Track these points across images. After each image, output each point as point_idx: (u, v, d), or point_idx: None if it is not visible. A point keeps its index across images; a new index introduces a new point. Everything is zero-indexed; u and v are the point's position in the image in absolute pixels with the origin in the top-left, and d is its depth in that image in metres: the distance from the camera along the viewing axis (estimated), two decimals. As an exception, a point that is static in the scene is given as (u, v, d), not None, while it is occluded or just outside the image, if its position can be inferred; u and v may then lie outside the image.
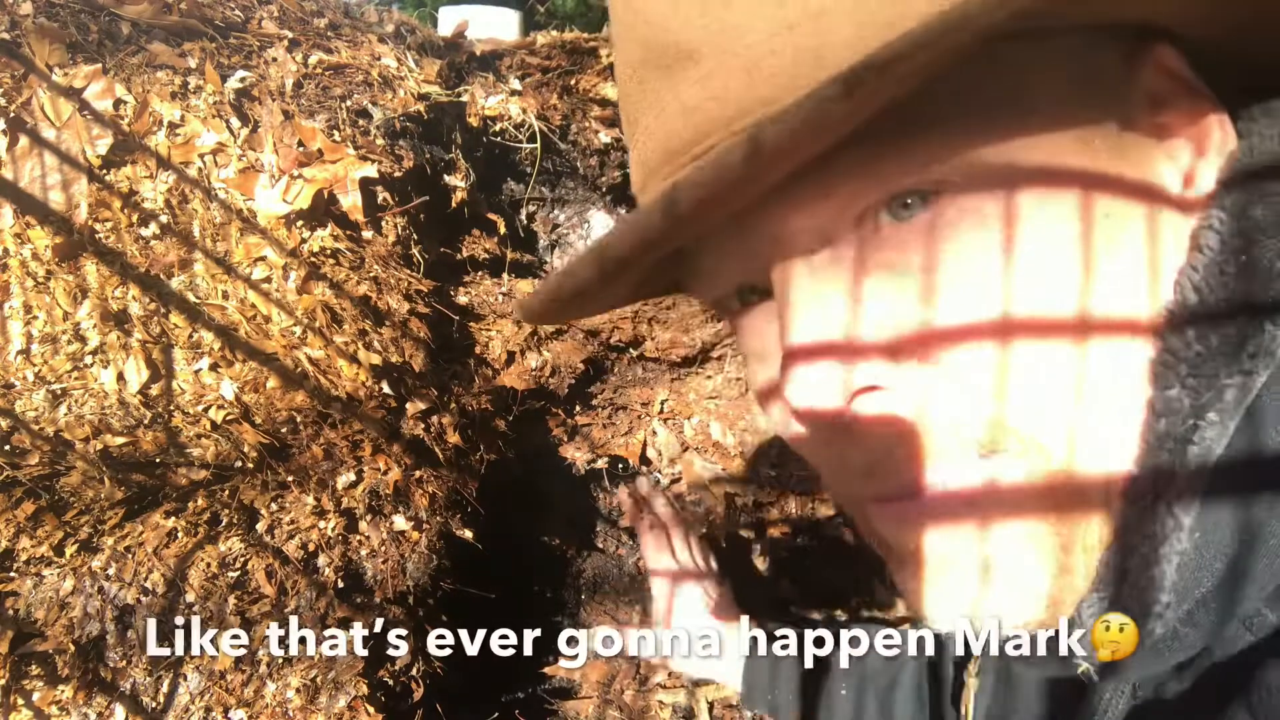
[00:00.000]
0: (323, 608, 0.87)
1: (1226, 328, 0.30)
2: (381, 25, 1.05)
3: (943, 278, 0.29)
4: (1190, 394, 0.30)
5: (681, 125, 0.31)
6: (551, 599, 1.27)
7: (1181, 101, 0.32)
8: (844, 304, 0.31)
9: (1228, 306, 0.30)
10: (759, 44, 0.28)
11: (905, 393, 0.31)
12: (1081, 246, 0.29)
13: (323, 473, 0.91)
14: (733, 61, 0.29)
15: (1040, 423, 0.30)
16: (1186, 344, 0.30)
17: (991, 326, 0.29)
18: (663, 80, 0.31)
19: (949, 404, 0.30)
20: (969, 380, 0.30)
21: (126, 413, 0.85)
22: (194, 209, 0.87)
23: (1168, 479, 0.30)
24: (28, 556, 0.83)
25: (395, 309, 0.94)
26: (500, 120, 1.01)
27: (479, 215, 1.08)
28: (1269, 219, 0.30)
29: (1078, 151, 0.30)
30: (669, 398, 1.18)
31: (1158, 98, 0.32)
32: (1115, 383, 0.31)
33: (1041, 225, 0.29)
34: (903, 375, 0.31)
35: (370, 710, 0.86)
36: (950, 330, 0.30)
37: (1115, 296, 0.30)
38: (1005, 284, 0.29)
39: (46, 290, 0.84)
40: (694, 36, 0.30)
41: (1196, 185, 0.32)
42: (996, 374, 0.29)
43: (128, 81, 0.86)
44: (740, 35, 0.29)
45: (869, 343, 0.31)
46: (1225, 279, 0.30)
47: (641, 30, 0.32)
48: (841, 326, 0.31)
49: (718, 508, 1.15)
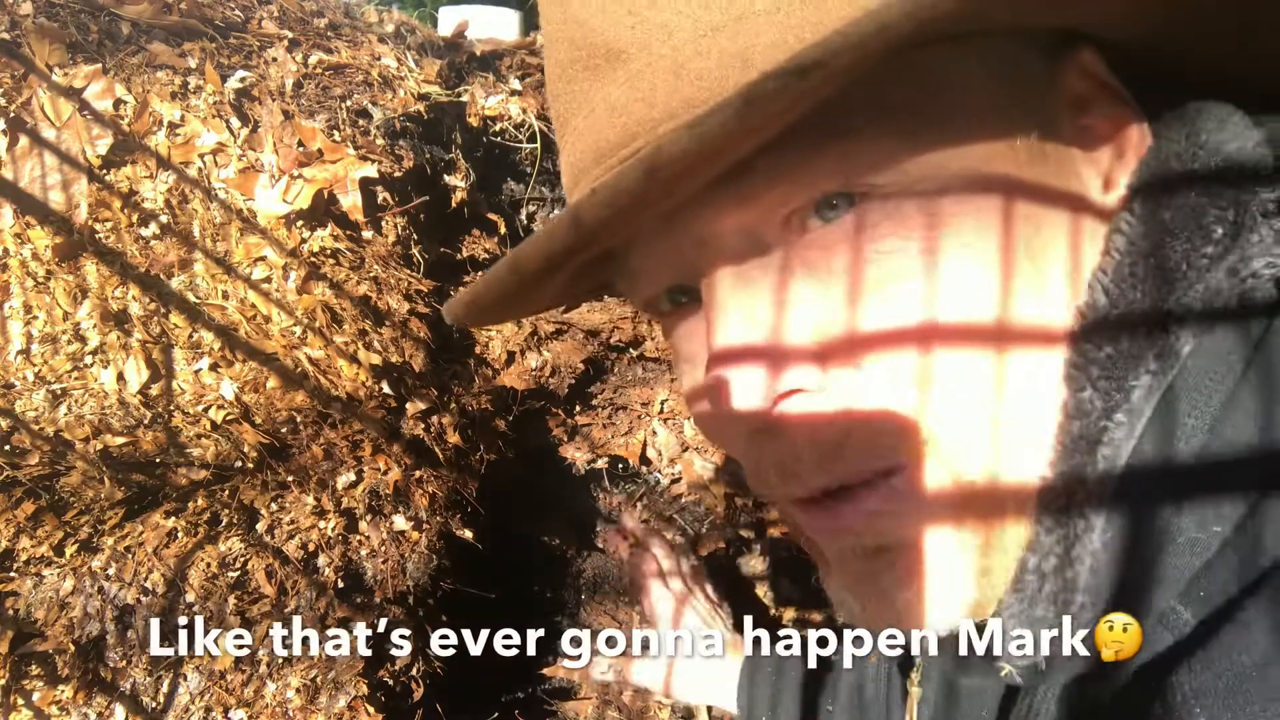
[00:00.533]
0: (323, 608, 0.87)
1: (1135, 329, 0.30)
2: (381, 25, 1.05)
3: (865, 281, 0.29)
4: (1102, 396, 0.30)
5: (609, 126, 0.31)
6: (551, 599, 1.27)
7: (1103, 104, 0.32)
8: (770, 306, 0.31)
9: (1136, 308, 0.30)
10: (685, 45, 0.28)
11: (832, 396, 0.31)
12: (1001, 251, 0.29)
13: (323, 473, 0.91)
14: (660, 63, 0.29)
15: (961, 427, 0.30)
16: (1098, 346, 0.30)
17: (912, 331, 0.29)
18: (591, 80, 0.31)
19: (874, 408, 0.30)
20: (891, 385, 0.30)
21: (126, 413, 0.85)
22: (194, 209, 0.87)
23: (1079, 481, 0.30)
24: (28, 556, 0.83)
25: (395, 309, 0.94)
26: (500, 120, 1.01)
27: (479, 215, 1.08)
28: (1176, 221, 0.30)
29: (1000, 154, 0.30)
30: (669, 398, 1.18)
31: (1080, 100, 0.32)
32: (1034, 386, 0.31)
33: (962, 229, 0.29)
34: (829, 378, 0.31)
35: (370, 710, 0.86)
36: (872, 335, 0.30)
37: (1035, 301, 0.30)
38: (926, 288, 0.29)
39: (46, 290, 0.84)
40: (622, 36, 0.30)
41: (1116, 188, 0.32)
42: (918, 379, 0.30)
43: (128, 81, 0.86)
44: (667, 36, 0.29)
45: (795, 346, 0.31)
46: (1134, 281, 0.30)
47: (571, 30, 0.32)
48: (768, 329, 0.31)
49: (718, 508, 1.15)
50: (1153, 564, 0.29)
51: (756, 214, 0.30)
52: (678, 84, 0.29)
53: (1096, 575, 0.30)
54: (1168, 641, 0.30)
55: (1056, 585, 0.31)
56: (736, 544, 1.18)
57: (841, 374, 0.31)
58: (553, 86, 0.34)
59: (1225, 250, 0.29)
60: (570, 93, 0.33)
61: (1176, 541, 0.29)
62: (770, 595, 1.15)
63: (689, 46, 0.28)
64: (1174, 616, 0.30)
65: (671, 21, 0.29)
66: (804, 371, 0.31)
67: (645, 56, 0.29)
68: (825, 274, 0.30)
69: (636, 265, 0.36)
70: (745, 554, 1.19)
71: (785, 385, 0.31)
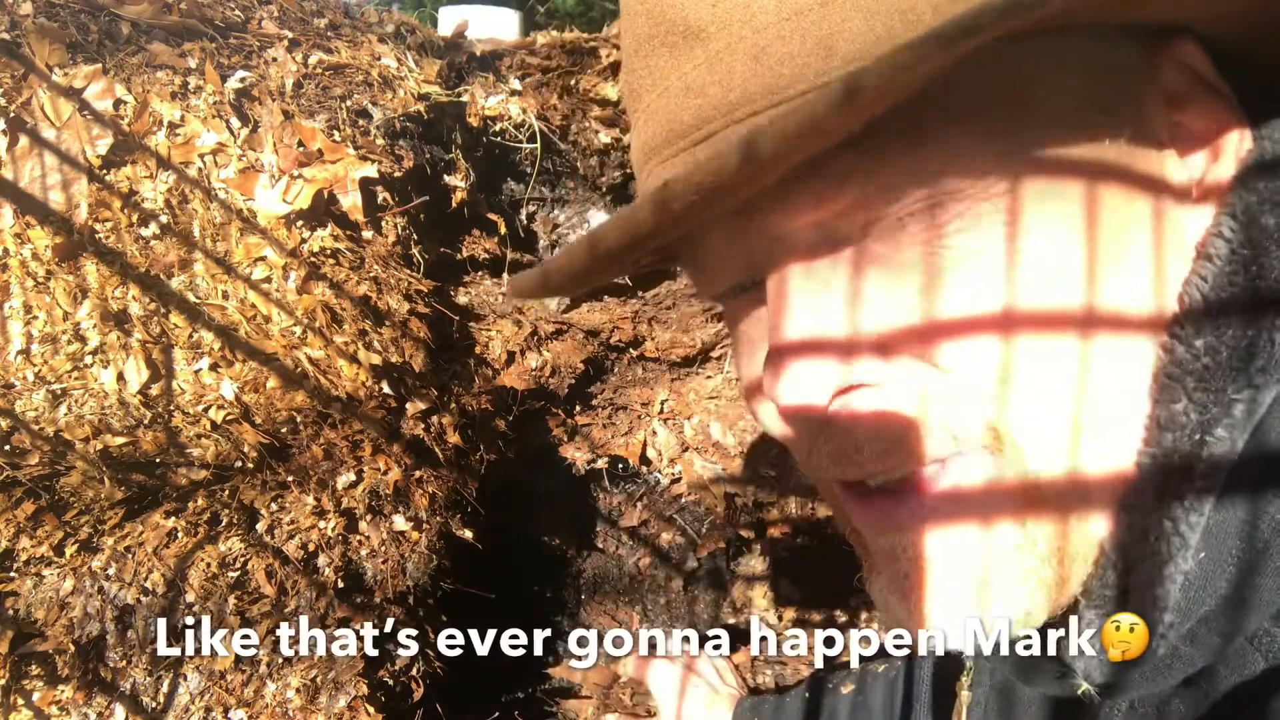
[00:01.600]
0: (323, 608, 0.87)
1: (1237, 340, 0.29)
2: (381, 25, 1.05)
3: (943, 275, 0.29)
4: (1197, 408, 0.29)
5: (683, 107, 0.30)
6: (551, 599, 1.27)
7: (1200, 102, 0.31)
8: (838, 300, 0.30)
9: (1238, 318, 0.29)
10: (768, 28, 0.28)
11: (899, 390, 0.30)
12: (1086, 249, 0.28)
13: (323, 473, 0.91)
14: (741, 45, 0.28)
15: (1037, 427, 0.29)
16: (1194, 356, 0.29)
17: (992, 326, 0.28)
18: (668, 58, 0.31)
19: (945, 403, 0.30)
20: (967, 380, 0.29)
21: (126, 413, 0.85)
22: (194, 209, 0.87)
23: (1174, 495, 0.29)
24: (28, 556, 0.83)
25: (395, 309, 0.94)
26: (500, 120, 1.01)
27: (479, 215, 1.08)
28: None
29: (1087, 150, 0.29)
30: (669, 398, 1.18)
31: (1175, 96, 0.31)
32: (1116, 389, 0.30)
33: (1044, 227, 0.28)
34: (897, 372, 0.30)
35: (370, 710, 0.86)
36: (948, 327, 0.29)
37: (1119, 302, 0.29)
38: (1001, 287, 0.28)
39: (46, 290, 0.84)
40: (704, 15, 0.29)
41: (1208, 190, 0.31)
42: (996, 375, 0.29)
43: (128, 81, 0.86)
44: (750, 17, 0.28)
45: (861, 338, 0.30)
46: (1234, 289, 0.29)
47: (650, 4, 0.31)
48: (834, 322, 0.30)
49: (718, 508, 1.15)
50: (1247, 586, 0.28)
51: (833, 211, 0.30)
52: (757, 68, 0.28)
53: (1188, 594, 0.29)
54: (1260, 665, 0.29)
55: (1143, 602, 0.30)
56: (736, 544, 1.18)
57: (913, 368, 0.30)
58: (628, 61, 0.34)
59: None
60: (647, 68, 0.32)
61: (1274, 563, 0.28)
62: (770, 595, 1.15)
63: (772, 29, 0.28)
64: (1268, 639, 0.29)
65: (755, 2, 0.28)
66: (869, 365, 0.30)
67: (725, 37, 0.29)
68: (898, 267, 0.30)
69: (706, 258, 0.35)
70: (745, 554, 1.19)
71: (851, 378, 0.30)
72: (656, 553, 1.21)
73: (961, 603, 0.31)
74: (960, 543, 0.31)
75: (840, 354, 0.30)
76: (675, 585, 1.21)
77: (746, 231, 0.32)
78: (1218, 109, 0.31)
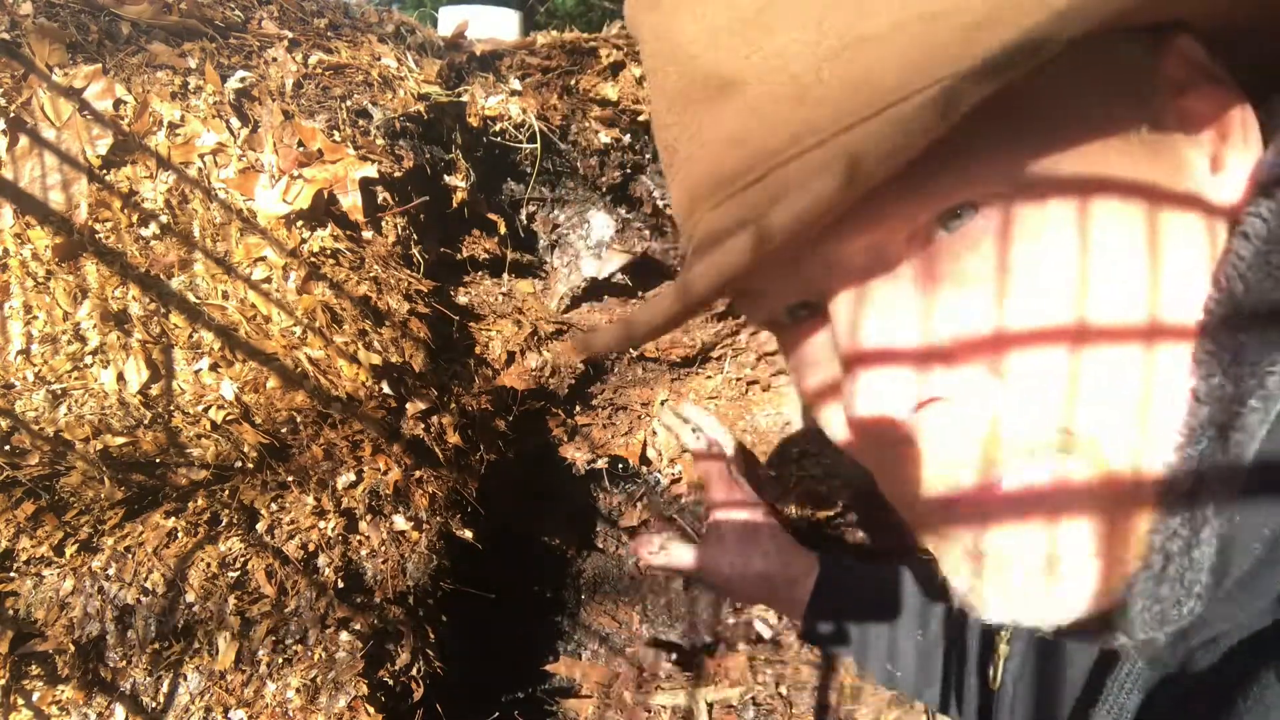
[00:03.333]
0: (323, 608, 0.87)
1: (1273, 316, 0.30)
2: (381, 25, 1.05)
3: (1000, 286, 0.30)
4: (1233, 382, 0.30)
5: (725, 156, 0.32)
6: (551, 599, 1.27)
7: (1203, 87, 0.33)
8: (902, 316, 0.32)
9: (1273, 296, 0.30)
10: (805, 73, 0.29)
11: (968, 401, 0.32)
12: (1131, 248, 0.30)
13: (323, 473, 0.91)
14: (780, 90, 0.30)
15: (1102, 425, 0.31)
16: (1232, 334, 0.31)
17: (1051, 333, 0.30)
18: (704, 109, 0.32)
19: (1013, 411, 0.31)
20: (1033, 387, 0.31)
21: (126, 413, 0.85)
22: (194, 209, 0.87)
23: (1210, 464, 0.30)
24: (28, 556, 0.83)
25: (395, 309, 0.94)
26: (500, 120, 1.01)
27: (479, 215, 1.08)
28: None
29: (1115, 150, 0.30)
30: (669, 398, 1.18)
31: (1179, 86, 0.33)
32: (1168, 379, 0.31)
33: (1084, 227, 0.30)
34: (964, 384, 0.32)
35: (370, 710, 0.86)
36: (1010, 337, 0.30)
37: (1164, 292, 0.31)
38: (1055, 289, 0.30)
39: (46, 290, 0.84)
40: (737, 67, 0.30)
41: (1224, 170, 0.33)
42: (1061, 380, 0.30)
43: (128, 81, 0.86)
44: (785, 65, 0.30)
45: (929, 351, 0.32)
46: (1270, 269, 0.30)
47: (680, 61, 0.32)
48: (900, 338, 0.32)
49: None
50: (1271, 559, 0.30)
51: (884, 233, 0.31)
52: (800, 110, 0.29)
53: (1225, 556, 0.31)
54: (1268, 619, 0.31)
55: (1184, 564, 0.31)
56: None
57: (980, 379, 0.31)
58: (660, 117, 0.35)
59: None
60: (682, 124, 0.34)
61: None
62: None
63: (809, 74, 0.29)
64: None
65: (787, 48, 0.30)
66: (941, 377, 0.32)
67: (763, 86, 0.30)
68: (956, 281, 0.31)
69: (760, 286, 0.37)
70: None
71: (923, 392, 0.32)
72: (656, 553, 1.21)
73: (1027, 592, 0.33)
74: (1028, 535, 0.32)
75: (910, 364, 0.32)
76: (675, 585, 1.21)
77: (802, 258, 0.33)
78: (1219, 92, 0.33)
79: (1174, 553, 0.32)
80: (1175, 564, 0.32)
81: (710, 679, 1.10)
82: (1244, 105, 0.33)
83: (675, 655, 1.17)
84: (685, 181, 0.35)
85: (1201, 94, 0.33)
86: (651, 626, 1.22)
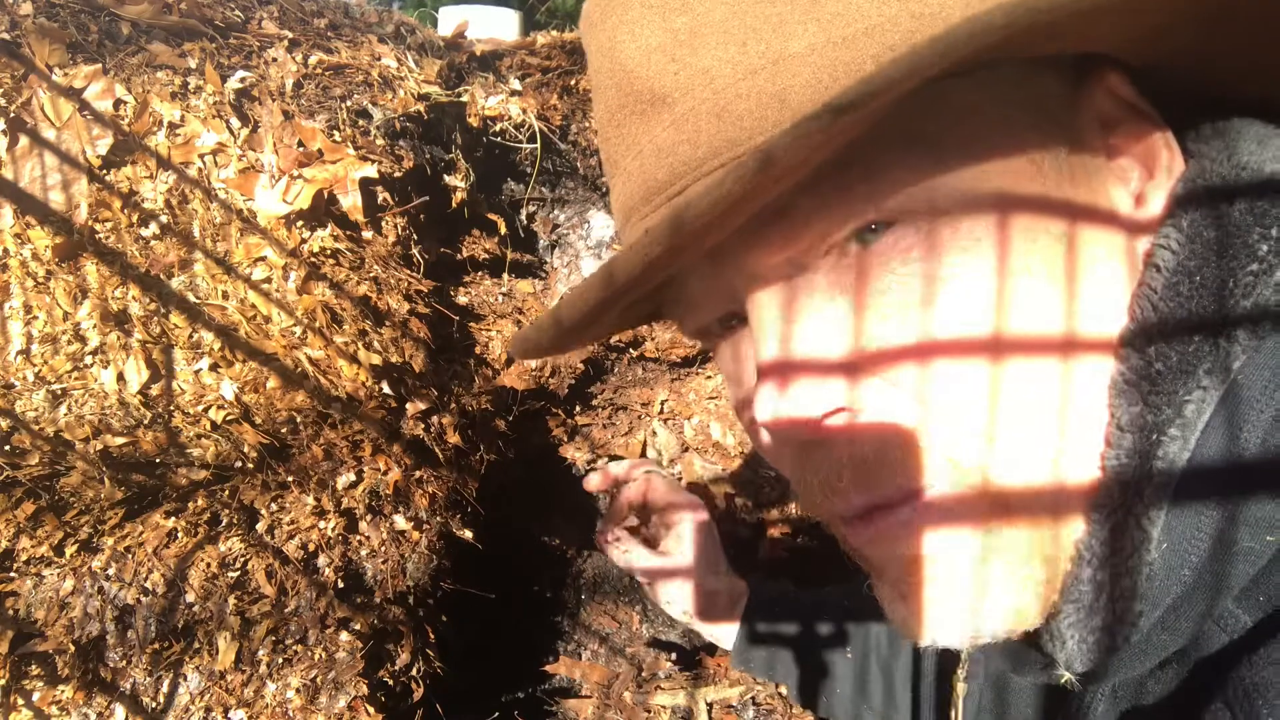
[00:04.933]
0: (323, 608, 0.87)
1: (1184, 345, 0.31)
2: (381, 25, 1.05)
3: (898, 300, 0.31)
4: (1152, 411, 0.31)
5: (657, 167, 0.33)
6: (551, 599, 1.27)
7: (1130, 124, 0.33)
8: (812, 326, 0.33)
9: (1185, 324, 0.31)
10: (726, 88, 0.30)
11: (875, 412, 0.32)
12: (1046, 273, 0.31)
13: (323, 473, 0.91)
14: (703, 106, 0.31)
15: (1008, 441, 0.31)
16: (1148, 362, 0.31)
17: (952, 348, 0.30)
18: (639, 124, 0.33)
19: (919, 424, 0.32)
20: (937, 400, 0.31)
21: (126, 413, 0.85)
22: (194, 209, 0.87)
23: (1135, 493, 0.31)
24: (28, 556, 0.83)
25: (395, 309, 0.94)
26: (500, 120, 1.01)
27: (479, 215, 1.08)
28: (1221, 239, 0.31)
29: (1027, 175, 0.31)
30: (669, 398, 1.18)
31: (1108, 121, 0.33)
32: (1076, 399, 0.32)
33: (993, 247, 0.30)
34: (872, 395, 0.32)
35: (370, 710, 0.86)
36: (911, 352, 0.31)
37: (1069, 315, 0.31)
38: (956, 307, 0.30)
39: (46, 290, 0.84)
40: (667, 82, 0.32)
41: (1147, 205, 0.33)
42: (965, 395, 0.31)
43: (128, 81, 0.86)
44: (709, 80, 0.31)
45: (836, 362, 0.32)
46: (1181, 298, 0.31)
47: (618, 77, 0.34)
48: (811, 348, 0.32)
49: (718, 508, 1.15)
50: (1209, 572, 0.30)
51: (800, 246, 0.32)
52: (720, 125, 0.31)
53: (1153, 584, 0.31)
54: (1222, 641, 0.31)
55: (1114, 594, 0.32)
56: (737, 544, 1.18)
57: (877, 390, 0.32)
58: (603, 131, 0.37)
59: (1270, 267, 0.30)
60: (620, 136, 0.35)
61: (1231, 551, 0.30)
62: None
63: (730, 90, 0.30)
64: (1230, 619, 0.31)
65: (713, 67, 0.31)
66: (847, 387, 0.32)
67: (689, 100, 0.31)
68: (863, 295, 0.32)
69: (688, 297, 0.38)
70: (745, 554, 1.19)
71: (829, 401, 0.32)
72: (656, 553, 1.21)
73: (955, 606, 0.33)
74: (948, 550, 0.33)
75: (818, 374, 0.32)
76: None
77: (724, 270, 0.34)
78: (1148, 130, 0.34)
79: (1103, 582, 0.32)
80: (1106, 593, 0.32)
81: (710, 679, 1.10)
82: (1169, 142, 0.33)
83: (675, 655, 1.17)
84: (622, 193, 0.36)
85: (1129, 132, 0.33)
86: (651, 626, 1.22)
